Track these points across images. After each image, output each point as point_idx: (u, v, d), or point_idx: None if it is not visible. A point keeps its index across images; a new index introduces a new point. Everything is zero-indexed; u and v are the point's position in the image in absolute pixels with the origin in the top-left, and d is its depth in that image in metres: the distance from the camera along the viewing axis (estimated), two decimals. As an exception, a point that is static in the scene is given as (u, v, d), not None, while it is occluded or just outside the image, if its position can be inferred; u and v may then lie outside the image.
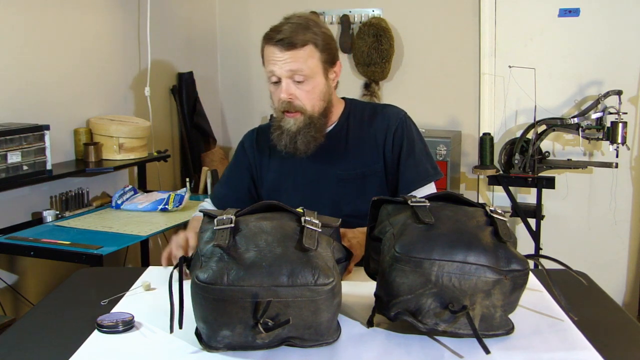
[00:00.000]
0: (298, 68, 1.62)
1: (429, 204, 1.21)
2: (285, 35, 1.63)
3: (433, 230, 1.15)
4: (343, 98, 1.82)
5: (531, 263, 1.20)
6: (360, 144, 1.73)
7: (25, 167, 2.53)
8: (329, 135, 1.74)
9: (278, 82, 1.66)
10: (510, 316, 1.19)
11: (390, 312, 1.17)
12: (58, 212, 2.74)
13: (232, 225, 1.14)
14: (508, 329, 1.17)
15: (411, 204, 1.21)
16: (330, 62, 1.69)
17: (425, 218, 1.17)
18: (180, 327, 1.13)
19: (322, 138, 1.70)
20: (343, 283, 1.17)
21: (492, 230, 1.17)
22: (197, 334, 1.13)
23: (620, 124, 3.13)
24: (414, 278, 1.12)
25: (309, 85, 1.65)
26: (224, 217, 1.16)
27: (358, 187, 1.71)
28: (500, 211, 1.22)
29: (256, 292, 1.05)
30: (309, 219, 1.17)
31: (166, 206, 2.83)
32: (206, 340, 1.10)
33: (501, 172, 3.38)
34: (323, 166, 1.73)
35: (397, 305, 1.15)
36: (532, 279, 1.48)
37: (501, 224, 1.18)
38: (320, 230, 1.16)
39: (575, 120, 3.25)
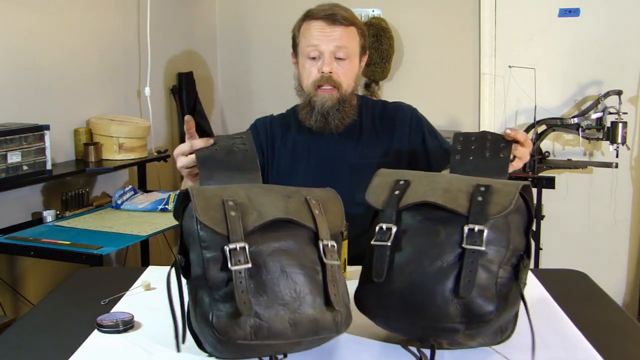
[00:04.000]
0: (343, 45, 1.68)
1: (389, 243, 1.10)
2: (334, 12, 1.68)
3: (385, 287, 1.09)
4: (355, 94, 1.86)
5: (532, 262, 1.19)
6: (373, 135, 1.79)
7: (25, 167, 2.53)
8: (344, 125, 1.78)
9: (316, 58, 1.70)
10: (510, 316, 1.18)
11: None
12: (58, 212, 2.74)
13: (249, 265, 1.02)
14: (499, 341, 1.12)
15: (373, 242, 1.11)
16: (363, 50, 1.77)
17: (377, 275, 1.09)
18: (184, 342, 1.10)
19: (354, 117, 1.76)
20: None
21: (456, 274, 1.03)
22: (200, 344, 1.10)
23: (620, 124, 3.13)
24: (376, 322, 1.14)
25: (347, 65, 1.71)
26: (237, 247, 1.02)
27: (371, 176, 1.71)
28: (482, 228, 1.04)
29: (277, 349, 1.04)
30: (328, 248, 1.09)
31: (166, 206, 2.83)
32: (210, 353, 1.09)
33: (501, 172, 3.38)
34: (336, 155, 1.77)
35: None
36: (532, 279, 1.48)
37: (468, 267, 1.02)
38: (338, 262, 1.11)
39: (575, 120, 3.25)
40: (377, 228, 1.13)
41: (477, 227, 1.04)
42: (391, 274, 1.09)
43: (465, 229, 1.04)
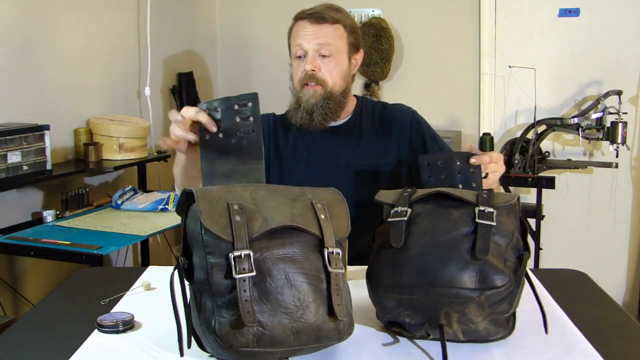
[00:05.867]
0: (326, 42, 1.69)
1: (406, 218, 1.16)
2: (317, 10, 1.70)
3: (402, 253, 1.13)
4: (355, 95, 1.87)
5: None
6: (373, 137, 1.80)
7: (25, 167, 2.53)
8: (343, 127, 1.80)
9: (302, 58, 1.71)
10: (510, 316, 1.18)
11: (383, 321, 1.20)
12: (58, 212, 2.74)
13: (254, 273, 1.02)
14: (500, 336, 1.14)
15: (389, 219, 1.18)
16: (354, 47, 1.77)
17: (394, 241, 1.14)
18: (189, 347, 1.07)
19: (339, 114, 1.77)
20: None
21: (470, 244, 1.10)
22: (201, 344, 1.09)
23: (620, 124, 3.13)
24: (386, 300, 1.14)
25: (333, 62, 1.71)
26: (241, 254, 1.02)
27: (370, 178, 1.75)
28: (491, 210, 1.13)
29: (279, 356, 1.03)
30: (333, 256, 1.08)
31: (166, 206, 2.83)
32: (211, 354, 1.08)
33: (501, 172, 3.38)
34: (336, 155, 1.78)
35: (386, 317, 1.18)
36: (532, 279, 1.48)
37: (482, 236, 1.10)
38: (342, 270, 1.10)
39: (575, 120, 3.25)
40: (392, 212, 1.19)
41: (487, 209, 1.13)
42: (408, 241, 1.14)
43: (476, 210, 1.13)
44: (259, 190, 1.12)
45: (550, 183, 3.28)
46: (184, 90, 3.72)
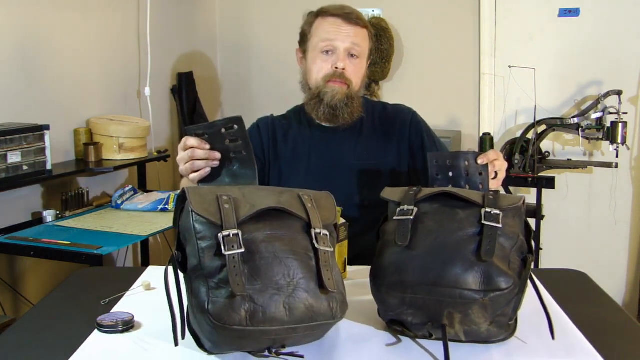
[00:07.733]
0: (358, 43, 1.73)
1: (412, 217, 1.16)
2: (352, 11, 1.74)
3: (407, 252, 1.13)
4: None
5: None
6: (373, 137, 1.81)
7: (25, 167, 2.53)
8: (344, 127, 1.80)
9: (330, 53, 1.73)
10: (510, 316, 1.18)
11: (385, 319, 1.20)
12: (58, 212, 2.74)
13: (243, 250, 1.05)
14: (502, 337, 1.14)
15: (395, 218, 1.18)
16: (370, 52, 1.81)
17: (400, 239, 1.14)
18: (183, 337, 1.09)
19: (360, 114, 1.78)
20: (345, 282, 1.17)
21: (476, 245, 1.10)
22: (199, 343, 1.10)
23: (620, 124, 3.13)
24: (390, 299, 1.14)
25: (359, 64, 1.75)
26: (230, 234, 1.05)
27: (370, 177, 1.76)
28: (497, 212, 1.13)
29: (274, 337, 1.04)
30: (320, 236, 1.11)
31: (166, 206, 2.83)
32: (209, 350, 1.09)
33: (501, 172, 3.38)
34: (337, 155, 1.78)
35: (389, 315, 1.18)
36: (537, 283, 1.48)
37: (487, 238, 1.10)
38: (331, 249, 1.12)
39: (575, 120, 3.26)
40: (398, 210, 1.19)
41: (493, 211, 1.13)
42: (414, 240, 1.14)
43: (483, 211, 1.13)
44: (248, 187, 1.18)
45: (550, 183, 3.28)
46: (184, 90, 3.72)
